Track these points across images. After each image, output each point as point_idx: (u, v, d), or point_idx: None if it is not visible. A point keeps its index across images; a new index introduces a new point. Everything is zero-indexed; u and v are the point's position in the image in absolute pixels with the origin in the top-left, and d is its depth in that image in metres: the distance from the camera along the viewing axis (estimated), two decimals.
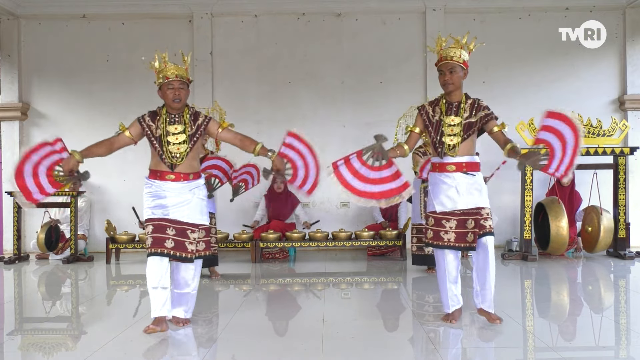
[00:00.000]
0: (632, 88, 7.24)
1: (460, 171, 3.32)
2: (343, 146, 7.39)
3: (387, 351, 3.05)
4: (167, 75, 3.34)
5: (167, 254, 3.25)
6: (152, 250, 3.24)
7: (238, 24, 7.45)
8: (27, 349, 3.26)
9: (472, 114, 3.33)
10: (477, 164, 3.38)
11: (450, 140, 3.31)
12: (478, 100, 3.37)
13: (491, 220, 3.35)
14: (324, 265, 6.18)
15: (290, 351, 3.05)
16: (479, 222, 3.29)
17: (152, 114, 3.43)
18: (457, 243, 3.33)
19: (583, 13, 7.25)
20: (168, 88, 3.34)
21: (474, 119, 3.32)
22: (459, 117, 3.32)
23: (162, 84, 3.37)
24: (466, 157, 3.33)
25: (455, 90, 3.39)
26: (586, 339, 3.43)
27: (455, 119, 3.33)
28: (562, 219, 5.92)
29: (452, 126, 3.32)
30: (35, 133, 7.47)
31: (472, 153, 3.37)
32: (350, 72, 7.43)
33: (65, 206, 6.75)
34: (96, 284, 5.58)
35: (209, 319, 3.86)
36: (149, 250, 3.25)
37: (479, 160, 3.42)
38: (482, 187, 3.37)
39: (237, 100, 7.12)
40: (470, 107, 3.35)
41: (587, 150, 6.04)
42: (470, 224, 3.30)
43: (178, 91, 3.34)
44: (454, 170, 3.33)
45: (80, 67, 7.46)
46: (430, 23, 7.31)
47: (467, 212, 3.31)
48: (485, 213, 3.31)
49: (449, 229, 3.33)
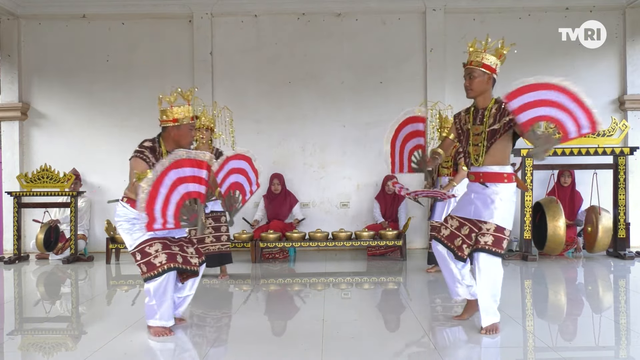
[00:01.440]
0: (632, 88, 7.23)
1: (477, 181, 3.22)
2: (343, 146, 7.44)
3: (387, 351, 3.05)
4: (192, 116, 3.33)
5: (183, 268, 3.25)
6: (171, 265, 3.18)
7: (238, 24, 7.45)
8: (27, 349, 3.26)
9: (497, 121, 3.15)
10: (498, 175, 3.16)
11: (475, 151, 3.22)
12: (505, 105, 3.05)
13: (493, 237, 3.11)
14: (324, 265, 6.18)
15: (290, 351, 3.05)
16: (476, 235, 3.15)
17: (151, 150, 3.28)
18: (446, 241, 3.29)
19: (583, 13, 7.24)
20: (189, 128, 3.33)
21: (497, 125, 3.14)
22: (484, 125, 3.18)
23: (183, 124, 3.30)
24: (490, 167, 3.17)
25: (478, 96, 3.24)
26: (586, 339, 3.43)
27: (480, 127, 3.19)
28: (560, 219, 5.92)
29: (477, 135, 3.20)
30: (35, 133, 7.47)
31: (501, 162, 3.17)
32: (350, 72, 7.43)
33: (65, 206, 6.75)
34: (96, 284, 5.58)
35: (209, 319, 3.86)
36: (168, 266, 3.16)
37: (507, 170, 3.16)
38: (499, 201, 3.13)
39: (237, 99, 7.11)
40: (495, 114, 3.16)
41: (587, 150, 6.04)
42: (464, 230, 3.23)
43: (194, 132, 3.37)
44: (473, 180, 3.25)
45: (80, 67, 7.46)
46: (430, 23, 7.31)
47: (466, 220, 3.25)
48: (487, 228, 3.12)
49: (450, 226, 3.33)
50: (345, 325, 3.59)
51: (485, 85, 3.22)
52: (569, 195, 6.61)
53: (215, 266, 5.31)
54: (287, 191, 7.05)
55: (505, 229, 3.15)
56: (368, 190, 7.34)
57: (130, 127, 7.37)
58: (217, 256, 5.23)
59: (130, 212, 3.23)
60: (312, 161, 7.44)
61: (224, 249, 5.25)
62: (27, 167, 7.25)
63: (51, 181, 6.57)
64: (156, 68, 7.42)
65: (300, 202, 7.23)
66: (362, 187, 7.38)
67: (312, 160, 7.44)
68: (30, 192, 6.60)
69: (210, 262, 5.26)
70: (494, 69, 3.21)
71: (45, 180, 6.57)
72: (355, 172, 7.38)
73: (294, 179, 7.35)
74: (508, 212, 3.18)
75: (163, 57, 7.44)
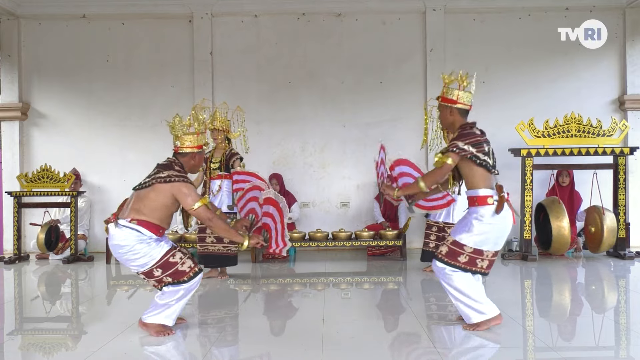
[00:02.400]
0: (632, 88, 7.23)
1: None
2: (343, 146, 7.43)
3: (387, 351, 3.06)
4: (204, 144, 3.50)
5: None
6: (198, 269, 3.33)
7: (238, 24, 7.45)
8: (27, 349, 3.26)
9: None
10: (469, 198, 3.27)
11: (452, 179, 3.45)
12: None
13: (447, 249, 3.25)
14: (324, 265, 6.18)
15: (290, 351, 3.05)
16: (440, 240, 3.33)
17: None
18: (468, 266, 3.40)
19: (583, 13, 7.24)
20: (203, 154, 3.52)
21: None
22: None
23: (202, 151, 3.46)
24: (468, 192, 3.29)
25: (446, 128, 3.47)
26: (586, 339, 3.43)
27: None
28: (564, 219, 5.92)
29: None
30: (35, 133, 7.47)
31: (473, 187, 3.23)
32: (350, 72, 7.43)
33: (65, 206, 6.75)
34: (96, 284, 5.58)
35: (210, 319, 3.86)
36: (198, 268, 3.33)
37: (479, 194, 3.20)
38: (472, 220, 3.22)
39: (237, 100, 7.06)
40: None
41: (587, 150, 6.04)
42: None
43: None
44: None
45: (80, 67, 7.46)
46: (430, 23, 7.31)
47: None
48: (446, 240, 3.31)
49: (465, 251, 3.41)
50: (345, 325, 3.59)
51: (450, 117, 3.32)
52: (569, 195, 6.61)
53: (218, 266, 5.31)
54: (286, 191, 7.05)
55: (464, 245, 3.22)
56: (368, 190, 7.34)
57: (130, 126, 7.39)
58: (221, 257, 5.22)
59: (144, 234, 3.20)
60: (312, 161, 7.44)
61: (228, 252, 5.24)
62: (27, 167, 7.25)
63: (51, 181, 6.57)
64: (156, 68, 7.42)
65: (301, 202, 7.23)
66: (362, 187, 7.38)
67: (312, 160, 7.44)
68: (31, 192, 6.60)
69: (214, 262, 5.27)
70: (454, 101, 3.29)
71: (45, 180, 6.57)
72: (355, 172, 7.38)
73: (294, 179, 7.35)
74: (476, 232, 3.20)
75: (163, 57, 7.44)
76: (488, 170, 3.21)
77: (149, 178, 3.25)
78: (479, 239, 3.21)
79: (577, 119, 6.05)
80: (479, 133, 3.27)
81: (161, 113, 7.26)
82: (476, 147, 3.16)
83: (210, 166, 5.32)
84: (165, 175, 3.21)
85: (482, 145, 3.19)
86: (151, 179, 3.24)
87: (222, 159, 5.32)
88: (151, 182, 3.22)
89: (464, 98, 3.28)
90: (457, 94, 3.28)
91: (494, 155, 3.28)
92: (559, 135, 6.05)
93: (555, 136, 6.05)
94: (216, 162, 5.33)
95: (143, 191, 3.24)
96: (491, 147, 3.27)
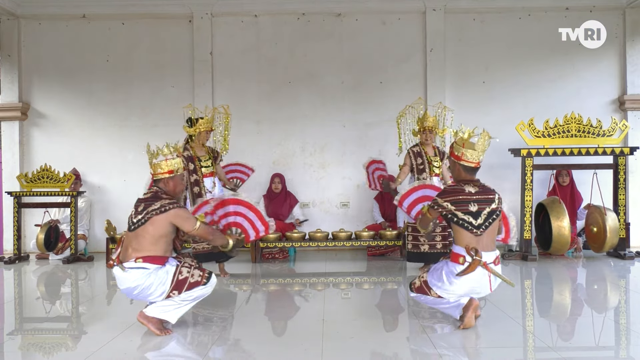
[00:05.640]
0: (632, 88, 7.23)
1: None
2: (343, 146, 7.44)
3: (387, 351, 3.06)
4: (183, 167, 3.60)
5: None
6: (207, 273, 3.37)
7: (238, 24, 7.45)
8: (27, 349, 3.26)
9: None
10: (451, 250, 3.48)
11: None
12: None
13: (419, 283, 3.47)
14: (324, 265, 6.18)
15: (290, 351, 3.05)
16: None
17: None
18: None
19: (583, 13, 7.24)
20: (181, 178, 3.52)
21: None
22: None
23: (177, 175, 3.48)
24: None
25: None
26: (586, 339, 3.43)
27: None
28: (564, 219, 5.92)
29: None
30: (35, 133, 7.47)
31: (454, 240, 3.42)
32: (350, 72, 7.43)
33: (65, 206, 6.75)
34: (96, 284, 5.58)
35: (209, 319, 3.86)
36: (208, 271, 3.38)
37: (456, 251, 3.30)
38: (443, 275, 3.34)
39: (237, 100, 7.11)
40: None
41: (587, 150, 6.04)
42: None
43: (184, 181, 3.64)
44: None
45: (80, 67, 7.46)
46: (430, 23, 7.31)
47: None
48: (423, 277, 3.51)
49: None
50: (345, 325, 3.59)
51: (455, 170, 3.42)
52: (569, 194, 6.61)
53: (211, 261, 5.29)
54: (287, 191, 7.05)
55: (432, 289, 3.35)
56: (368, 190, 7.33)
57: (130, 126, 7.39)
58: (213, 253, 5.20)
59: (149, 268, 3.22)
60: (312, 161, 7.44)
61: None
62: (27, 167, 7.25)
63: (51, 181, 6.57)
64: (156, 68, 7.42)
65: (301, 202, 7.23)
66: (362, 187, 7.37)
67: (312, 160, 7.44)
68: (31, 192, 6.60)
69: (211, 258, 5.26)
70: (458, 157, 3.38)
71: (45, 180, 6.57)
72: (355, 172, 7.37)
73: (294, 179, 7.35)
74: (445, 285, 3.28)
75: (163, 57, 7.44)
76: (467, 229, 3.21)
77: (141, 215, 3.24)
78: (444, 291, 3.32)
79: (577, 119, 6.05)
80: (467, 192, 3.25)
81: (161, 113, 7.29)
82: (457, 205, 3.22)
83: (202, 166, 5.46)
84: (159, 206, 3.24)
85: (465, 204, 3.22)
86: (145, 214, 3.23)
87: (210, 159, 5.54)
88: (146, 217, 3.23)
89: (469, 156, 3.30)
90: (463, 152, 3.32)
91: (491, 216, 3.24)
92: (559, 135, 6.05)
93: (555, 136, 6.05)
94: (207, 163, 5.51)
95: (139, 229, 3.24)
96: (491, 207, 3.24)
